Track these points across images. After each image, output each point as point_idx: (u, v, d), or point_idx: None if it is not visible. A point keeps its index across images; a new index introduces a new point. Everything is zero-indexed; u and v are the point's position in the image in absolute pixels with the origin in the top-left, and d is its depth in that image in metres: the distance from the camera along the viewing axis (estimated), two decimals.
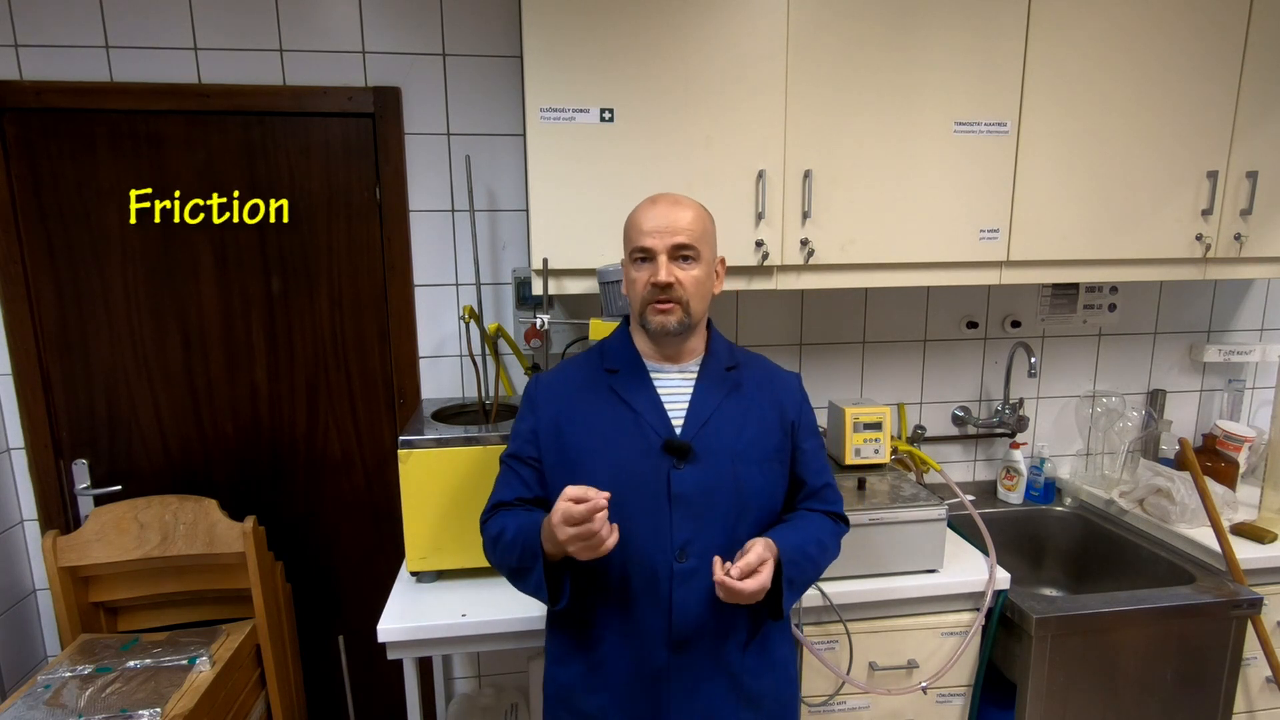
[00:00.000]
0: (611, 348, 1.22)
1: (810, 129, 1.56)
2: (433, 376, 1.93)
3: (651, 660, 1.13)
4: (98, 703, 1.46)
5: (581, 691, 1.17)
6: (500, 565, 1.15)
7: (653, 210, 1.13)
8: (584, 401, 1.17)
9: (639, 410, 1.14)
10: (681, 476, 1.11)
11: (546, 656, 1.25)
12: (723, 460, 1.13)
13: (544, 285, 1.52)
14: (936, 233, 1.65)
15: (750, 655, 1.18)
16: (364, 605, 2.01)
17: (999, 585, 1.56)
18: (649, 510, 1.10)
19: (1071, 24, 1.61)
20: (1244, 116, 1.70)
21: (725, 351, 1.23)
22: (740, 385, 1.20)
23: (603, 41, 1.48)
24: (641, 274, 1.13)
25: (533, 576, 1.08)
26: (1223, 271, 1.80)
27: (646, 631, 1.12)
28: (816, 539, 1.18)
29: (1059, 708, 1.55)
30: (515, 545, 1.10)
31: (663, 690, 1.13)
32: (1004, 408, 2.10)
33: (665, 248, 1.10)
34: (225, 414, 1.89)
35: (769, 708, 1.20)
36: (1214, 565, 1.69)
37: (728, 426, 1.15)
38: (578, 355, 1.27)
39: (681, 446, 1.11)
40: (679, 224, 1.11)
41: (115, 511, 1.73)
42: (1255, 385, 2.27)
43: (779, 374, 1.26)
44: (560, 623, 1.21)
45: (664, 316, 1.12)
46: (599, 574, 1.13)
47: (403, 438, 1.49)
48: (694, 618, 1.12)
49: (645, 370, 1.18)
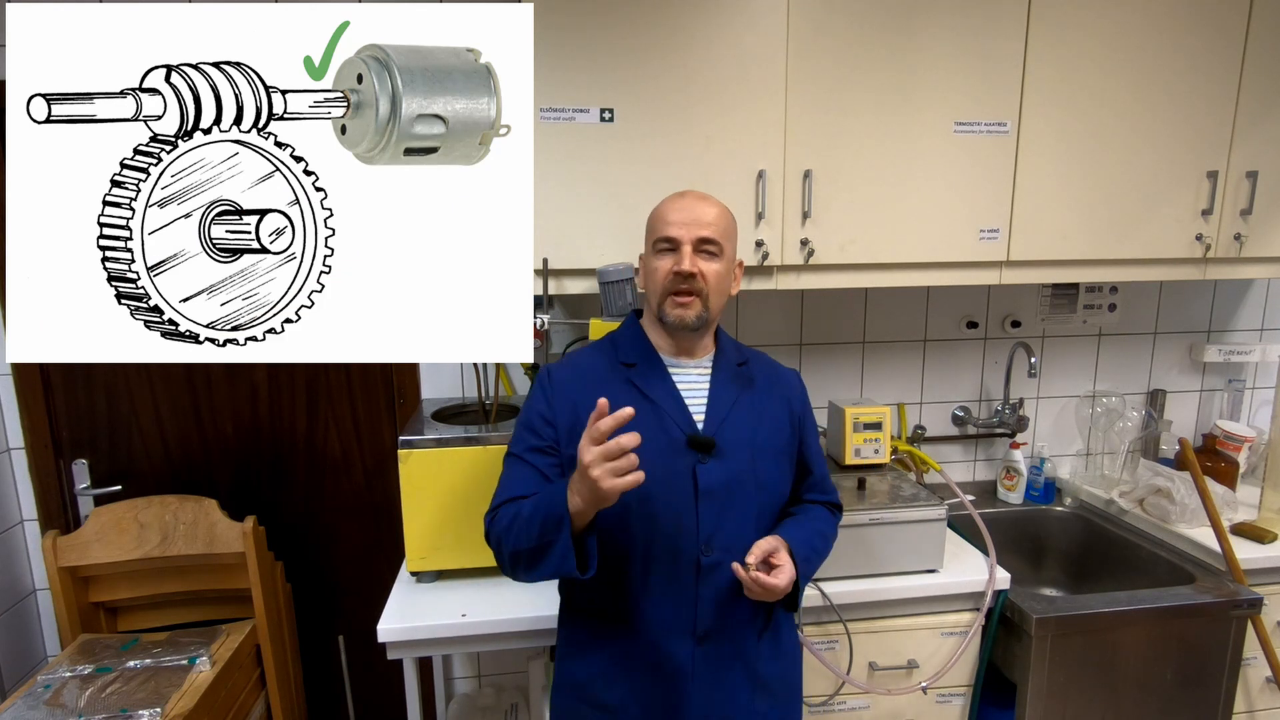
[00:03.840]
0: (624, 341, 1.22)
1: (810, 129, 1.56)
2: (433, 376, 1.93)
3: (675, 653, 1.13)
4: (98, 703, 1.46)
5: (600, 684, 1.17)
6: (517, 551, 1.07)
7: (680, 202, 1.15)
8: (602, 393, 1.11)
9: (660, 404, 1.14)
10: (708, 470, 1.12)
11: (559, 650, 1.24)
12: (743, 454, 1.15)
13: (544, 285, 1.52)
14: (936, 233, 1.65)
15: (765, 644, 1.19)
16: (364, 605, 2.01)
17: (999, 585, 1.56)
18: (675, 504, 1.11)
19: (1071, 24, 1.61)
20: (1244, 116, 1.70)
21: (733, 348, 1.25)
22: (753, 381, 1.22)
23: (603, 41, 1.48)
24: (664, 263, 1.13)
25: (557, 547, 1.00)
26: (1223, 271, 1.80)
27: (671, 624, 1.13)
28: (820, 531, 1.22)
29: (1059, 708, 1.55)
30: (534, 519, 1.03)
31: (684, 682, 1.13)
32: (1004, 408, 2.10)
33: (691, 238, 1.11)
34: (225, 414, 1.89)
35: (779, 692, 1.22)
36: (1214, 565, 1.69)
37: (745, 421, 1.17)
38: (584, 349, 1.27)
39: (706, 441, 1.12)
40: (705, 217, 1.12)
41: (115, 511, 1.73)
42: (1255, 385, 2.27)
43: (782, 371, 1.29)
44: (578, 616, 1.21)
45: (683, 310, 1.13)
46: (624, 565, 1.12)
47: (403, 438, 1.49)
48: (718, 610, 1.13)
49: (663, 364, 1.18)
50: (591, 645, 1.18)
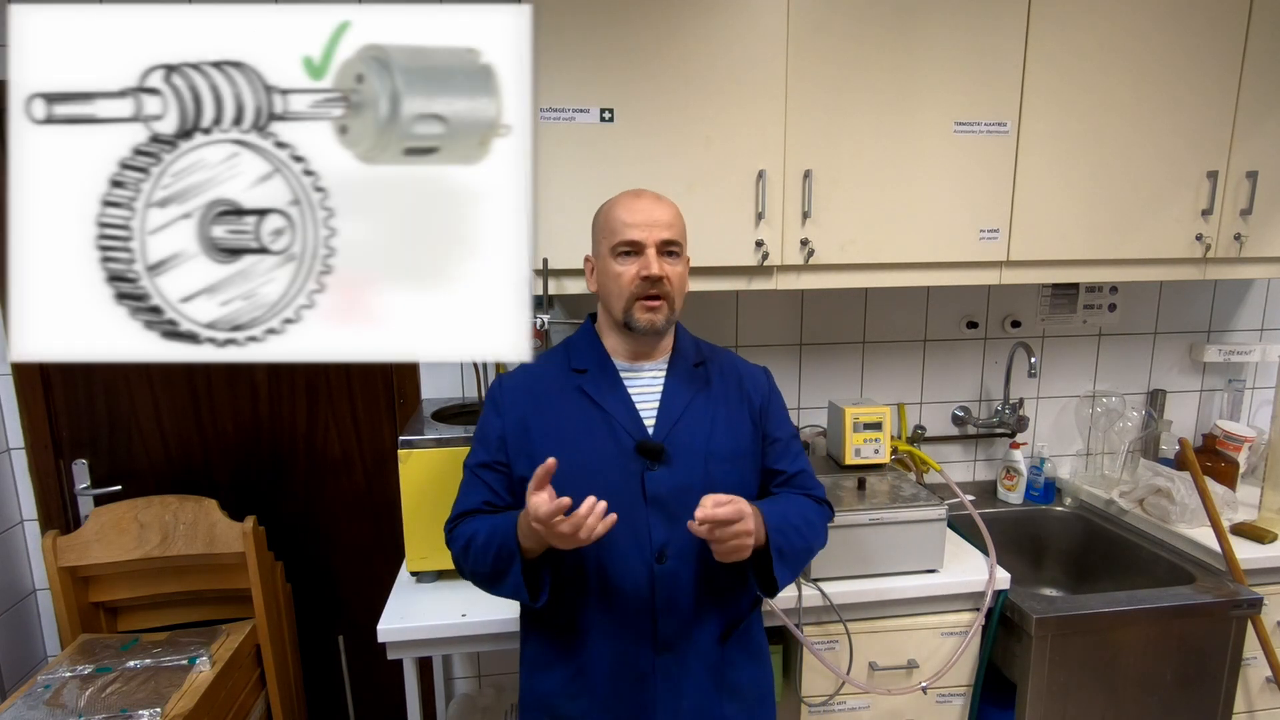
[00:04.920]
0: (578, 347, 1.20)
1: (810, 129, 1.56)
2: (433, 376, 1.93)
3: (636, 663, 1.12)
4: (98, 703, 1.46)
5: (563, 698, 1.16)
6: (473, 573, 1.12)
7: (637, 204, 1.12)
8: (552, 404, 1.15)
9: (610, 411, 1.13)
10: (656, 478, 1.10)
11: (522, 666, 1.23)
12: (695, 460, 1.13)
13: (544, 285, 1.52)
14: (936, 233, 1.65)
15: (731, 648, 1.18)
16: (364, 605, 2.01)
17: (999, 585, 1.56)
18: (625, 513, 1.08)
19: (1071, 24, 1.61)
20: (1244, 116, 1.70)
21: (692, 348, 1.22)
22: (709, 381, 1.19)
23: (603, 41, 1.48)
24: (629, 268, 1.11)
25: (509, 578, 1.05)
26: (1223, 271, 1.80)
27: (630, 634, 1.12)
28: (801, 514, 1.16)
29: (1059, 708, 1.55)
30: (489, 549, 1.06)
31: (647, 691, 1.12)
32: (1004, 408, 2.10)
33: (654, 241, 1.10)
34: (225, 414, 1.90)
35: (749, 696, 1.20)
36: (1214, 565, 1.69)
37: (699, 424, 1.15)
38: (540, 355, 1.23)
39: (654, 448, 1.10)
40: (664, 218, 1.11)
41: (115, 511, 1.73)
42: (1255, 385, 2.27)
43: (746, 367, 1.26)
44: (538, 630, 1.20)
45: (653, 315, 1.11)
46: (579, 579, 1.11)
47: (403, 438, 1.49)
48: (678, 618, 1.12)
49: (615, 370, 1.17)
50: (553, 659, 1.17)
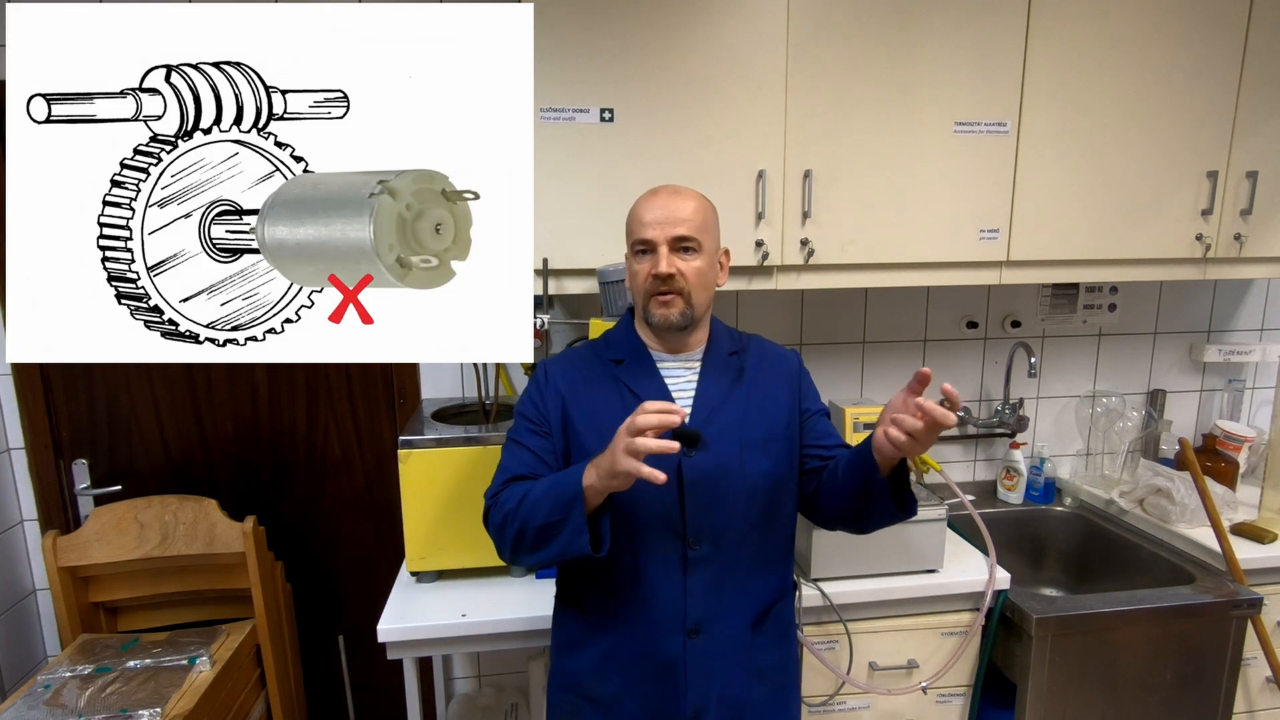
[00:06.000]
0: (615, 338, 1.22)
1: (810, 129, 1.56)
2: (433, 376, 1.93)
3: (666, 647, 1.13)
4: (98, 703, 1.46)
5: (594, 678, 1.17)
6: (523, 529, 1.06)
7: (653, 201, 1.13)
8: (590, 391, 1.17)
9: (646, 399, 1.14)
10: (692, 463, 1.12)
11: (553, 648, 1.25)
12: (730, 447, 1.14)
13: (544, 285, 1.52)
14: (936, 232, 1.65)
15: (759, 632, 1.19)
16: (364, 605, 2.01)
17: (999, 585, 1.56)
18: (660, 498, 1.10)
19: (1071, 24, 1.61)
20: (1244, 116, 1.70)
21: (726, 338, 1.24)
22: (744, 370, 1.21)
23: (603, 41, 1.48)
24: (643, 266, 1.13)
25: (569, 524, 1.01)
26: (1223, 271, 1.80)
27: (661, 618, 1.13)
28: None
29: (1059, 708, 1.55)
30: (546, 498, 1.03)
31: (677, 674, 1.13)
32: (1004, 408, 2.10)
33: (666, 239, 1.10)
34: (225, 414, 1.89)
35: (776, 679, 1.22)
36: (1214, 565, 1.69)
37: (734, 414, 1.16)
38: (581, 346, 1.27)
39: (691, 434, 1.10)
40: (679, 214, 1.11)
41: (115, 511, 1.73)
42: (1255, 385, 2.27)
43: (780, 351, 1.28)
44: (570, 610, 1.22)
45: (666, 309, 1.12)
46: (613, 562, 1.12)
47: (403, 438, 1.49)
48: (708, 603, 1.13)
49: (651, 360, 1.18)
50: (584, 639, 1.19)
